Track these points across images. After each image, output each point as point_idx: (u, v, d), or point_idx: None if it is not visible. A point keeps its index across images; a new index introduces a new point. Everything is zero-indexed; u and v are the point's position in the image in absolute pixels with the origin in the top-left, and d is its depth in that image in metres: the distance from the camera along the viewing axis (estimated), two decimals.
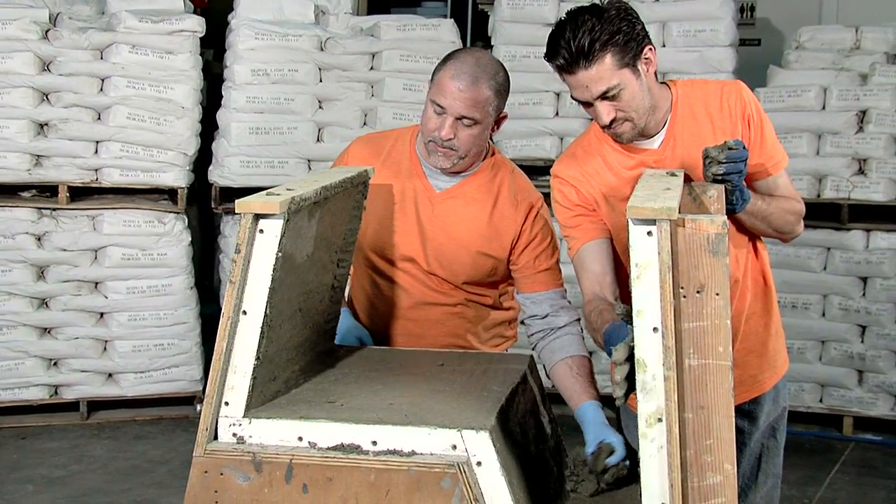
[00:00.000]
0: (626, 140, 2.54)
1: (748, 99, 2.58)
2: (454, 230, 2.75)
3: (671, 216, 1.84)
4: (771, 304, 2.74)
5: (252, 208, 2.05)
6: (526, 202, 2.79)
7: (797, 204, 2.67)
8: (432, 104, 2.65)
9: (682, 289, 1.88)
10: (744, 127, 2.56)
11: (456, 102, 2.62)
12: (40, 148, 5.31)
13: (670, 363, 1.86)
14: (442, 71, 2.66)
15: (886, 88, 5.34)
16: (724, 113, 2.56)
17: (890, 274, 5.34)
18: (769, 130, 2.61)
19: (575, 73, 2.40)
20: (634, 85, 2.43)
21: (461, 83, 2.61)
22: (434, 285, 2.78)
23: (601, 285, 2.54)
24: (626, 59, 2.40)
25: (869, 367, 5.41)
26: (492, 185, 2.78)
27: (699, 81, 2.67)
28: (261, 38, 5.47)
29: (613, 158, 2.59)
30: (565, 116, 5.67)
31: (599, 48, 2.36)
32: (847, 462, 5.15)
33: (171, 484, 4.65)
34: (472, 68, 2.64)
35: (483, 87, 2.64)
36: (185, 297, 5.53)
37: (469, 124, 2.65)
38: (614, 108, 2.44)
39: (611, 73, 2.39)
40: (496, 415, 2.06)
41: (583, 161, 2.62)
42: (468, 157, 2.72)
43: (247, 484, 2.01)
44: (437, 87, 2.65)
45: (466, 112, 2.62)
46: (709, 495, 1.91)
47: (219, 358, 2.05)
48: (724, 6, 5.51)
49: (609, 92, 2.41)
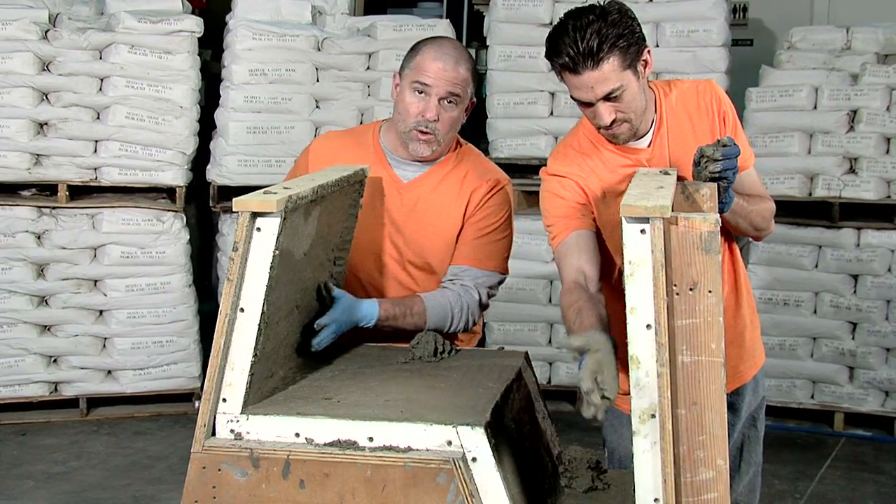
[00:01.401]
0: (623, 141, 2.56)
1: (722, 97, 2.62)
2: (425, 218, 2.77)
3: (664, 214, 1.86)
4: (742, 297, 2.76)
5: (249, 207, 2.07)
6: (488, 182, 2.81)
7: (770, 202, 2.70)
8: (413, 87, 2.69)
9: (675, 286, 1.90)
10: (720, 124, 2.60)
11: (440, 81, 2.66)
12: (40, 147, 5.33)
13: (663, 360, 1.87)
14: (421, 55, 2.71)
15: (877, 88, 5.36)
16: (701, 111, 2.60)
17: (880, 271, 5.37)
18: (740, 128, 2.65)
19: (580, 73, 2.41)
20: (635, 86, 2.46)
21: (444, 63, 2.67)
22: (409, 275, 2.79)
23: (583, 274, 2.50)
24: (629, 60, 2.42)
25: (860, 363, 5.44)
26: (458, 170, 2.81)
27: (674, 81, 2.69)
28: (258, 38, 5.48)
29: (608, 158, 2.61)
30: (560, 116, 5.69)
31: (607, 49, 2.38)
32: (838, 457, 5.17)
33: (170, 480, 4.66)
34: (451, 50, 2.71)
35: (463, 68, 2.70)
36: (184, 294, 5.55)
37: (451, 105, 2.69)
38: (615, 109, 2.46)
39: (616, 74, 2.41)
40: (491, 411, 2.07)
41: (580, 159, 2.63)
42: (444, 144, 2.75)
43: (244, 480, 2.02)
44: (417, 70, 2.69)
45: (451, 89, 2.67)
46: (701, 490, 1.93)
47: (217, 355, 2.06)
48: (716, 7, 5.53)
49: (613, 93, 2.43)
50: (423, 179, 2.79)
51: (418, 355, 2.47)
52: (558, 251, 2.59)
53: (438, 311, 2.70)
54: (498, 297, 5.61)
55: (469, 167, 2.82)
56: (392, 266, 2.80)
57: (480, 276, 2.77)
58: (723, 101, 2.62)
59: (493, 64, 5.82)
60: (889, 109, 5.35)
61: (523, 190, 5.82)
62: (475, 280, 2.77)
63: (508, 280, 5.67)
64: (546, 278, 5.69)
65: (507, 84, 5.79)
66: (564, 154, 2.67)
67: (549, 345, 5.79)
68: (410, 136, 2.72)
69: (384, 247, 2.79)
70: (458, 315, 2.73)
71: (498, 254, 2.82)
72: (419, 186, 2.79)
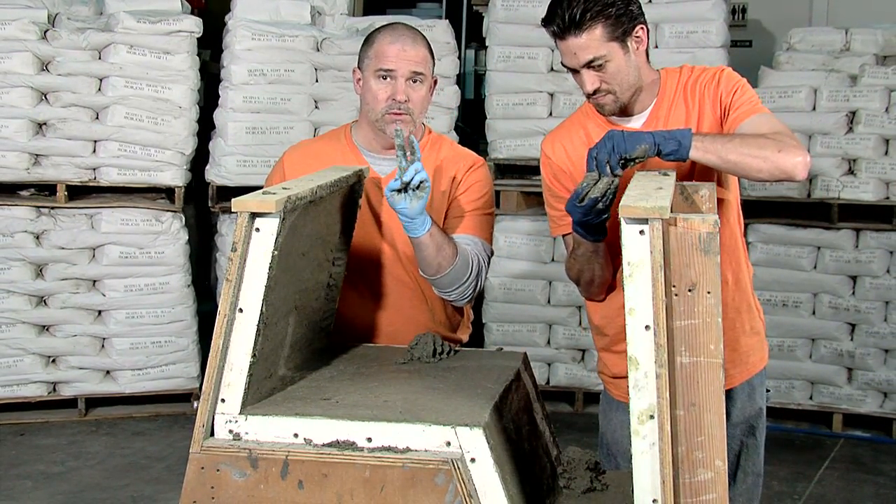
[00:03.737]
0: (608, 112, 2.62)
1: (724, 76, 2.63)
2: None
3: (663, 215, 1.86)
4: (741, 304, 2.76)
5: (248, 207, 2.06)
6: (467, 160, 2.84)
7: (781, 135, 2.42)
8: (376, 76, 2.70)
9: (673, 287, 1.90)
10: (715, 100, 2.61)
11: (402, 62, 2.69)
12: (39, 147, 5.34)
13: (662, 361, 1.87)
14: (378, 42, 2.73)
15: (876, 89, 5.37)
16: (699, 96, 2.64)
17: (879, 273, 5.38)
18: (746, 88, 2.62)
19: (565, 39, 2.51)
20: (621, 59, 2.53)
21: (402, 44, 2.70)
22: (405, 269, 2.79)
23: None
24: (617, 32, 2.51)
25: (858, 364, 5.45)
26: (434, 157, 2.82)
27: (687, 67, 2.75)
28: (257, 38, 5.49)
29: (594, 132, 2.64)
30: (559, 117, 5.68)
31: (590, 18, 2.48)
32: (836, 458, 5.18)
33: (169, 480, 4.66)
34: (406, 31, 2.75)
35: (421, 46, 2.74)
36: (183, 294, 5.56)
37: (418, 83, 2.71)
38: (599, 77, 2.54)
39: (598, 43, 2.50)
40: (490, 411, 2.07)
41: (567, 134, 2.71)
42: (418, 123, 2.77)
43: (243, 480, 2.02)
44: (377, 58, 2.71)
45: (414, 68, 2.70)
46: (700, 491, 1.93)
47: (215, 355, 2.06)
48: (716, 8, 5.54)
49: (595, 61, 2.51)
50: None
51: (417, 356, 2.48)
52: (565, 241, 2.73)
53: (465, 259, 2.69)
54: (497, 298, 5.74)
55: (445, 153, 2.84)
56: (388, 262, 2.80)
57: (479, 244, 2.78)
58: (723, 80, 2.62)
59: (493, 64, 5.83)
60: (888, 111, 5.36)
61: (522, 191, 5.83)
62: (477, 246, 2.77)
63: (507, 281, 5.75)
64: (545, 279, 5.70)
65: (506, 85, 5.79)
66: (559, 127, 2.76)
67: (548, 346, 5.79)
68: (384, 120, 2.72)
69: (377, 245, 2.79)
70: (474, 269, 2.71)
71: (488, 227, 2.84)
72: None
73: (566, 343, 5.74)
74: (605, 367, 2.85)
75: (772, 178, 2.41)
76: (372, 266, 2.80)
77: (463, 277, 2.69)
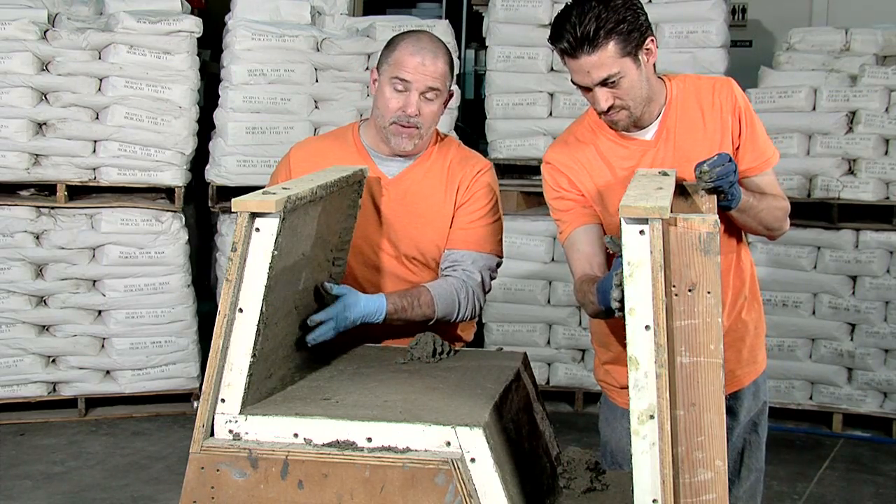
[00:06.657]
0: (622, 128, 2.59)
1: (738, 95, 2.63)
2: (415, 211, 2.77)
3: (663, 215, 1.86)
4: (748, 305, 2.77)
5: (248, 207, 2.06)
6: (473, 166, 2.83)
7: (783, 202, 2.72)
8: (392, 83, 2.69)
9: (673, 287, 1.90)
10: (734, 122, 2.60)
11: (420, 76, 2.67)
12: (39, 147, 5.34)
13: (662, 361, 1.87)
14: (399, 50, 2.70)
15: (876, 89, 5.37)
16: (715, 108, 2.61)
17: (879, 273, 5.39)
18: (760, 128, 2.66)
19: (578, 57, 2.44)
20: (634, 74, 2.48)
21: (423, 58, 2.67)
22: (407, 269, 2.79)
23: (591, 264, 2.57)
24: (629, 48, 2.44)
25: (858, 364, 5.45)
26: (442, 161, 2.82)
27: (692, 77, 2.71)
28: (257, 38, 5.49)
29: (606, 148, 2.63)
30: (559, 117, 5.70)
31: (604, 35, 2.41)
32: (836, 458, 5.18)
33: (169, 480, 4.66)
34: (429, 44, 2.71)
35: (441, 62, 2.71)
36: (183, 294, 5.56)
37: (432, 98, 2.70)
38: (613, 95, 2.49)
39: (612, 60, 2.44)
40: (490, 411, 2.07)
41: (575, 149, 2.66)
42: (426, 137, 2.76)
43: (243, 480, 2.02)
44: (396, 65, 2.68)
45: (431, 84, 2.68)
46: (700, 491, 1.93)
47: (215, 355, 2.06)
48: (715, 8, 5.55)
49: (609, 79, 2.46)
50: (408, 173, 2.80)
51: (417, 356, 2.48)
52: (565, 246, 2.67)
53: (446, 299, 2.70)
54: (497, 298, 5.74)
55: (452, 156, 2.84)
56: (389, 262, 2.80)
57: (480, 259, 2.78)
58: (738, 98, 2.62)
59: (493, 65, 5.83)
60: (888, 111, 5.37)
61: (522, 191, 5.83)
62: (476, 264, 2.77)
63: (507, 281, 5.74)
64: (545, 279, 5.70)
65: (506, 85, 5.80)
66: (563, 141, 2.71)
67: (548, 345, 5.79)
68: (390, 130, 2.72)
69: (379, 244, 2.79)
70: (464, 302, 2.73)
71: (493, 237, 2.83)
72: (405, 180, 2.79)
73: (566, 343, 5.74)
74: (610, 377, 2.84)
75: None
76: (372, 266, 2.80)
77: (453, 312, 2.73)
